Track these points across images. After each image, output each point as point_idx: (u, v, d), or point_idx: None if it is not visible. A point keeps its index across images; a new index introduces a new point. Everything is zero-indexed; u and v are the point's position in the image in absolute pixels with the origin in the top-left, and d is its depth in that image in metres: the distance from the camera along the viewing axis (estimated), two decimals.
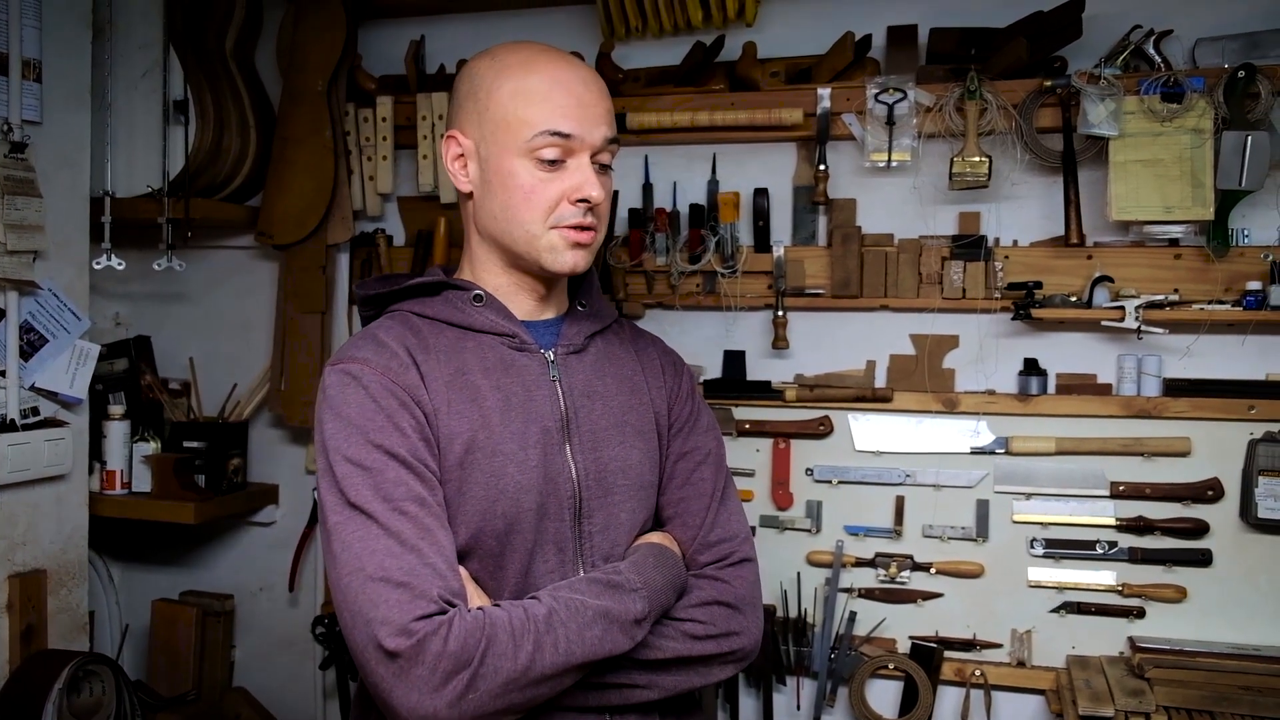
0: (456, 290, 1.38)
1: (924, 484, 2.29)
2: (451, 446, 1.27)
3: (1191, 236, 2.13)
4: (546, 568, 1.32)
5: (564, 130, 1.30)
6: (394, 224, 2.60)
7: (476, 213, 1.37)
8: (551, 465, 1.32)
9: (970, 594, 2.27)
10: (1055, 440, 2.21)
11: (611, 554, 1.37)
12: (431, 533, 1.21)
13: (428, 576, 1.17)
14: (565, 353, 1.39)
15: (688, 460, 1.46)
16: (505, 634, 1.17)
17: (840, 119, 2.27)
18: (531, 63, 1.33)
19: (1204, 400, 2.14)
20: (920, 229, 2.28)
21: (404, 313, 1.38)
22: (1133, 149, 2.10)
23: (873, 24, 2.32)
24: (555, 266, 1.34)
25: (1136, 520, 2.18)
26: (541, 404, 1.34)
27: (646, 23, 2.40)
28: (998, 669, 2.24)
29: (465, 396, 1.30)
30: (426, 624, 1.14)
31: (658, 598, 1.31)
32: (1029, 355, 2.24)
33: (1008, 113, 2.17)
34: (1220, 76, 2.05)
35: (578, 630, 1.21)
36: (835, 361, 2.35)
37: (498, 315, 1.36)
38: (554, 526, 1.32)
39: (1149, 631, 2.18)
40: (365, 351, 1.29)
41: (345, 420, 1.24)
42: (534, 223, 1.32)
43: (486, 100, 1.33)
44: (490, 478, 1.28)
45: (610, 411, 1.39)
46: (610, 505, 1.37)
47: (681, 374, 1.52)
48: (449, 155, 1.37)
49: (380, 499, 1.20)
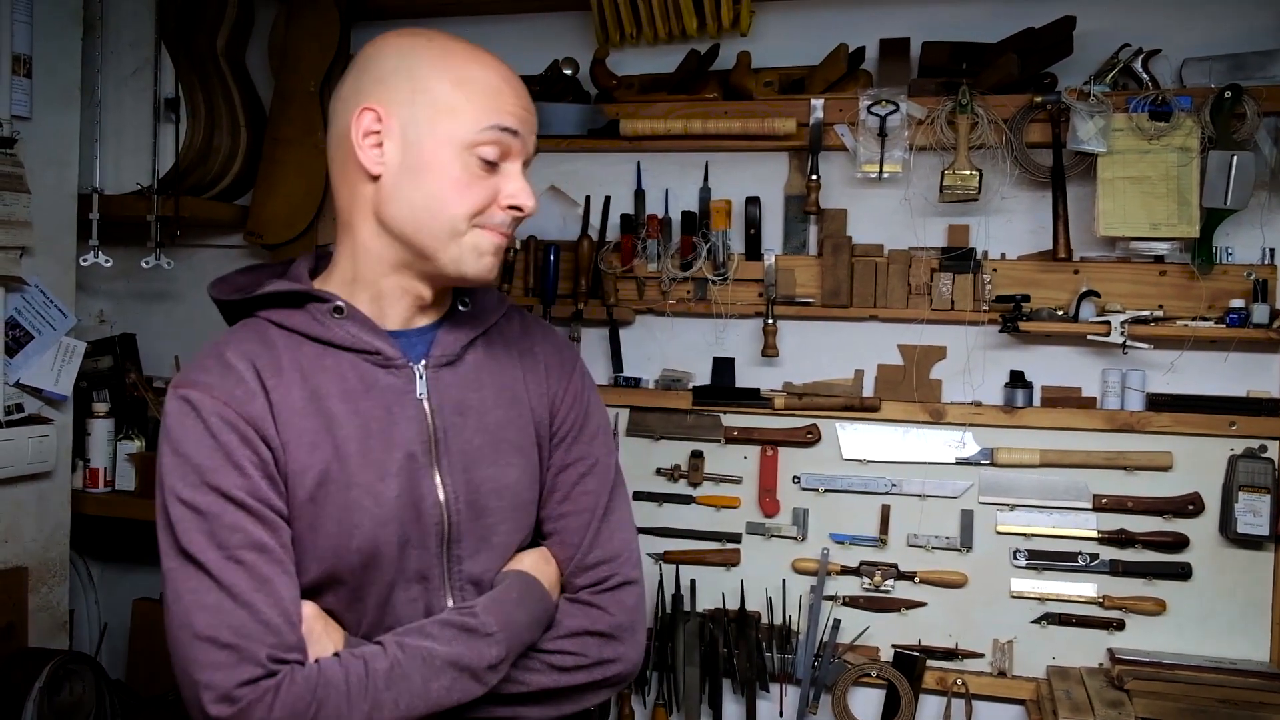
0: (318, 302, 1.24)
1: (909, 493, 2.31)
2: (302, 481, 1.18)
3: (1177, 254, 2.16)
4: (408, 596, 1.24)
5: (511, 126, 1.21)
6: None
7: (382, 200, 1.22)
8: (415, 492, 1.23)
9: (953, 603, 2.29)
10: (1040, 452, 2.23)
11: (482, 579, 1.28)
12: (268, 583, 1.13)
13: (257, 635, 1.10)
14: (437, 365, 1.27)
15: (570, 472, 1.35)
16: (339, 695, 1.11)
17: (833, 130, 2.29)
18: (478, 56, 1.23)
19: (1186, 415, 2.16)
20: (910, 240, 2.30)
21: (262, 322, 1.25)
22: (1120, 166, 2.13)
23: (866, 36, 2.34)
24: (474, 269, 1.23)
25: (1118, 533, 2.20)
26: (405, 427, 1.23)
27: (641, 30, 2.40)
28: (979, 678, 2.26)
29: (319, 425, 1.19)
30: (251, 690, 1.09)
31: (517, 637, 1.23)
32: (1015, 367, 2.26)
33: (998, 127, 2.19)
34: (1207, 96, 2.08)
35: (422, 683, 1.15)
36: (824, 370, 2.36)
37: (360, 329, 1.24)
38: (417, 555, 1.24)
39: (1128, 643, 2.21)
40: (210, 375, 1.18)
41: (182, 457, 1.14)
42: (460, 219, 1.20)
43: (426, 80, 1.20)
44: (343, 513, 1.19)
45: (485, 428, 1.28)
46: (482, 529, 1.28)
47: (570, 376, 1.39)
48: (360, 129, 1.20)
49: (214, 546, 1.12)
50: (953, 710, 2.27)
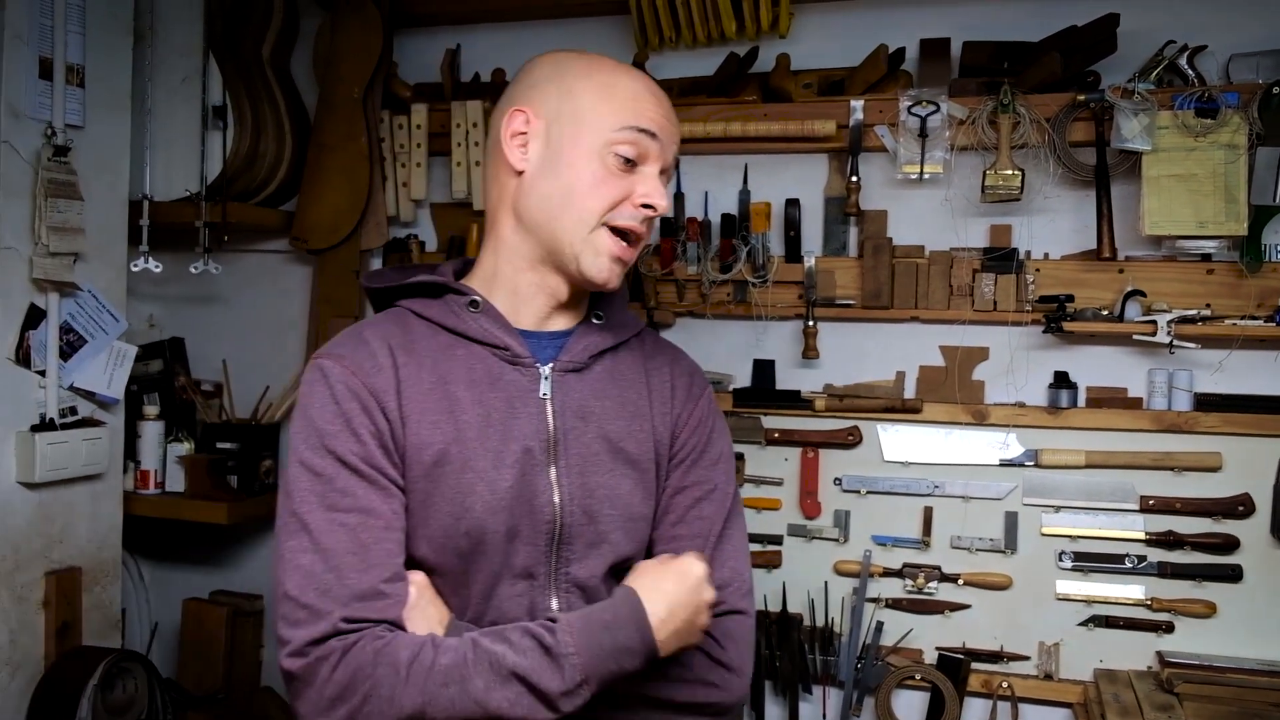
0: (456, 294, 1.32)
1: (952, 495, 2.29)
2: (420, 457, 1.22)
3: (1224, 252, 2.13)
4: (513, 592, 1.25)
5: (650, 129, 1.27)
6: (426, 230, 2.63)
7: (522, 194, 1.29)
8: (530, 487, 1.25)
9: (998, 606, 2.27)
10: (1085, 453, 2.21)
11: (588, 584, 1.28)
12: (366, 549, 1.17)
13: (337, 599, 1.14)
14: (563, 369, 1.30)
15: (686, 495, 1.35)
16: (395, 678, 1.12)
17: (873, 131, 2.28)
18: (624, 68, 1.32)
19: (1235, 416, 2.14)
20: (951, 241, 2.29)
21: (403, 310, 1.33)
22: (1166, 164, 2.10)
23: (906, 37, 2.33)
24: (590, 268, 1.27)
25: (1166, 535, 2.18)
26: (525, 422, 1.26)
27: (680, 33, 2.42)
28: (1025, 681, 2.24)
29: (442, 406, 1.24)
30: (321, 649, 1.13)
31: (601, 664, 1.15)
32: (1059, 368, 2.25)
33: (1040, 126, 2.17)
34: (1255, 92, 2.06)
35: (483, 689, 1.12)
36: (865, 372, 2.36)
37: (493, 324, 1.29)
38: (525, 551, 1.25)
39: (1177, 646, 2.18)
40: (344, 348, 1.25)
41: (308, 420, 1.21)
42: (592, 213, 1.26)
43: (574, 85, 1.28)
44: (456, 494, 1.22)
45: (604, 436, 1.30)
46: (593, 534, 1.28)
47: (697, 401, 1.40)
48: (509, 129, 1.29)
49: (323, 508, 1.17)
50: (998, 713, 2.25)
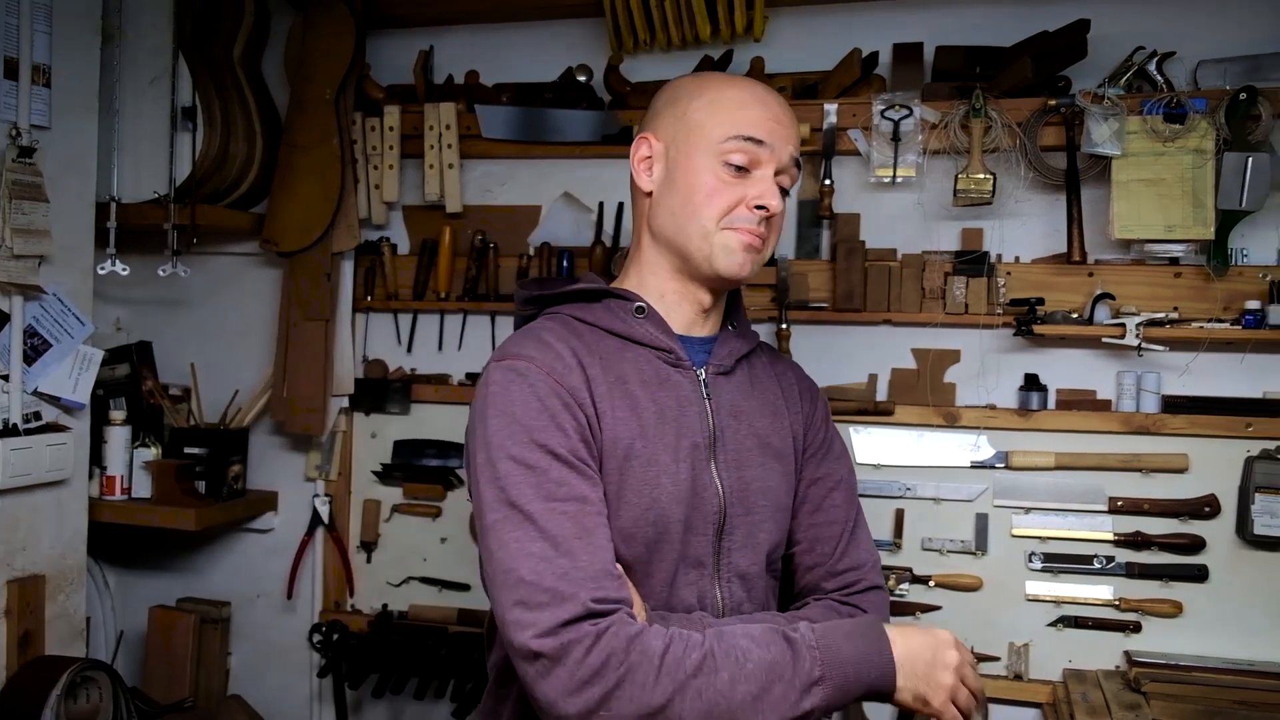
0: (619, 300, 1.40)
1: (924, 497, 2.31)
2: (613, 450, 1.29)
3: (1192, 255, 2.16)
4: (687, 580, 1.34)
5: (757, 136, 1.34)
6: (399, 232, 2.61)
7: (653, 211, 1.40)
8: (699, 480, 1.34)
9: (968, 607, 2.29)
10: (1054, 455, 2.23)
11: (747, 573, 1.38)
12: (590, 534, 1.21)
13: (579, 581, 1.17)
14: (715, 372, 1.41)
15: (820, 486, 1.48)
16: (650, 667, 1.14)
17: (846, 134, 2.29)
18: (733, 80, 1.40)
19: (1202, 417, 2.16)
20: (924, 244, 2.30)
21: (564, 316, 1.40)
22: (1135, 168, 2.13)
23: (879, 41, 2.34)
24: (726, 266, 1.35)
25: (1134, 535, 2.20)
26: (692, 420, 1.35)
27: (655, 36, 2.41)
28: (995, 682, 2.26)
29: (625, 404, 1.32)
30: (574, 630, 1.14)
31: (840, 668, 1.18)
32: (1029, 370, 2.27)
33: (1012, 131, 2.19)
34: (1222, 98, 2.09)
35: (729, 682, 1.15)
36: (837, 374, 2.36)
37: (658, 329, 1.38)
38: (697, 541, 1.34)
39: (1145, 646, 2.20)
40: (530, 350, 1.30)
41: (510, 418, 1.24)
42: (710, 220, 1.34)
43: (686, 106, 1.38)
44: (645, 485, 1.30)
45: (754, 433, 1.41)
46: (750, 524, 1.38)
47: (817, 400, 1.55)
48: (637, 155, 1.41)
49: (541, 498, 1.20)
50: None
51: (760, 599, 1.41)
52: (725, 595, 1.36)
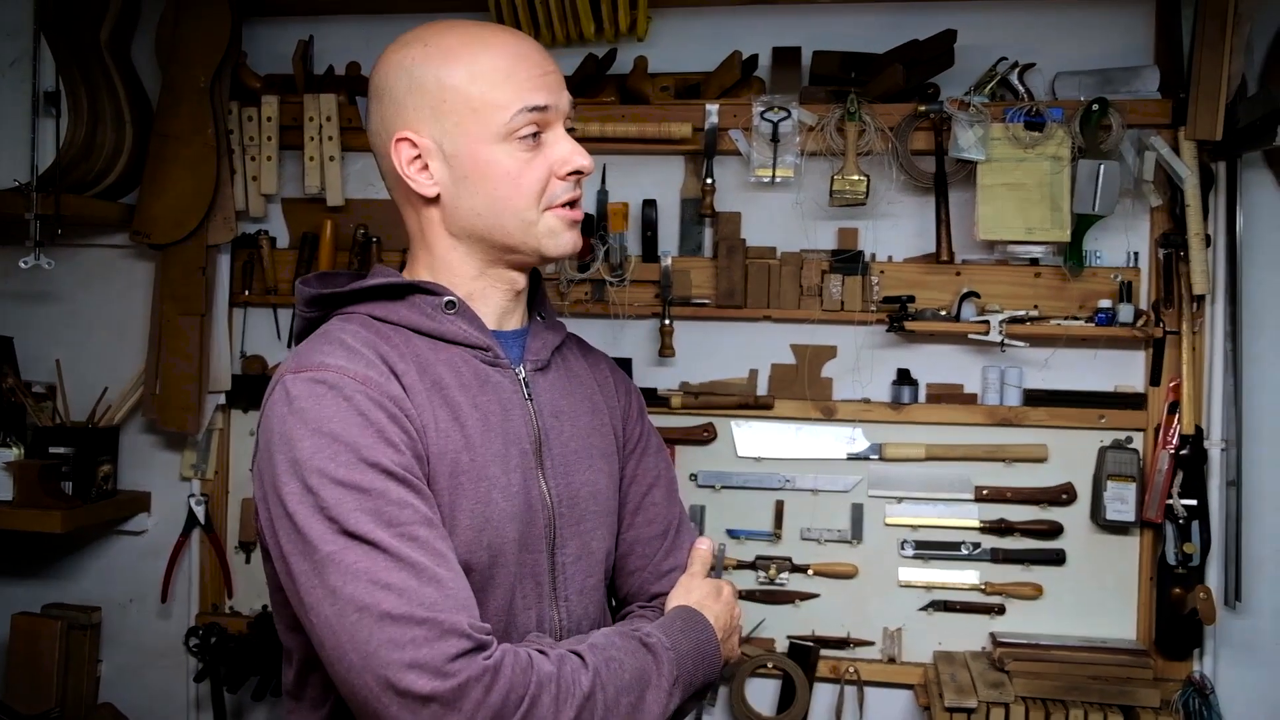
0: (425, 295, 1.23)
1: (802, 489, 2.37)
2: (440, 467, 1.15)
3: (1050, 256, 2.28)
4: (525, 604, 1.22)
5: (540, 103, 1.19)
6: (278, 226, 2.55)
7: (450, 215, 1.23)
8: (530, 492, 1.22)
9: (845, 594, 2.37)
10: (925, 447, 2.33)
11: (584, 587, 1.28)
12: (447, 559, 1.08)
13: (453, 609, 1.04)
14: (533, 369, 1.29)
15: (639, 484, 1.40)
16: (549, 696, 1.05)
17: (727, 135, 2.34)
18: (476, 40, 1.20)
19: (1060, 410, 2.28)
20: (802, 243, 2.37)
21: (361, 316, 1.23)
22: (998, 173, 2.23)
23: (759, 44, 2.39)
24: (556, 249, 1.24)
25: (998, 523, 2.31)
26: (517, 424, 1.23)
27: (539, 33, 2.42)
28: (870, 665, 2.34)
29: (446, 413, 1.17)
30: (467, 664, 1.02)
31: (683, 663, 1.20)
32: (902, 366, 2.35)
33: (885, 135, 2.27)
34: (1077, 108, 2.20)
35: (615, 695, 1.10)
36: (719, 370, 2.41)
37: (471, 326, 1.24)
38: (532, 559, 1.22)
39: (1009, 627, 2.31)
40: (336, 357, 1.14)
41: (329, 436, 1.07)
42: (528, 209, 1.21)
43: (440, 91, 1.19)
44: (478, 505, 1.16)
45: (578, 433, 1.31)
46: (583, 534, 1.28)
47: (631, 393, 1.45)
48: (403, 160, 1.21)
49: (385, 524, 1.05)
50: (845, 697, 2.35)
51: (596, 616, 1.32)
52: (563, 615, 1.26)
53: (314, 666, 1.18)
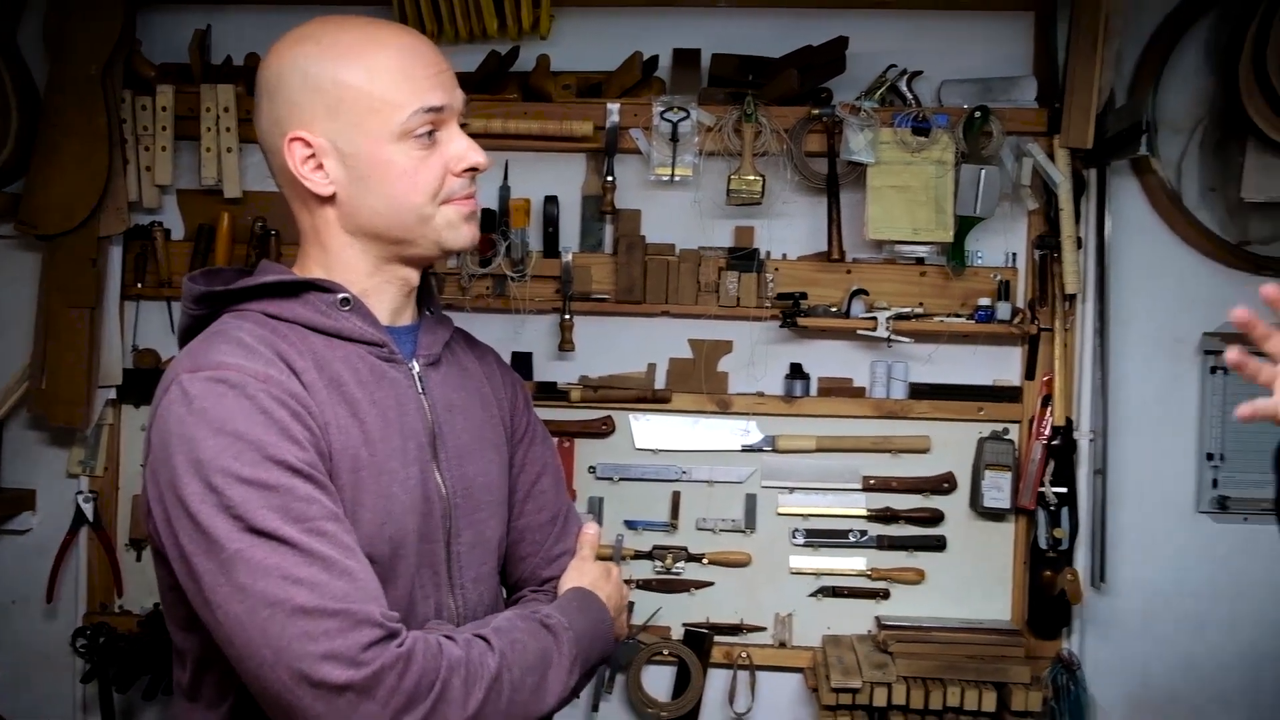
0: (320, 292, 1.23)
1: (698, 480, 2.44)
2: (341, 463, 1.16)
3: (935, 256, 2.38)
4: (424, 594, 1.24)
5: (436, 104, 1.20)
6: (173, 217, 2.51)
7: (346, 213, 1.23)
8: (427, 485, 1.24)
9: (738, 582, 2.44)
10: (816, 439, 2.41)
11: (479, 574, 1.31)
12: (354, 552, 1.09)
13: (365, 600, 1.06)
14: (426, 364, 1.30)
15: (528, 473, 1.43)
16: (459, 680, 1.09)
17: (628, 133, 2.39)
18: (373, 39, 1.20)
19: (942, 402, 2.40)
20: (700, 240, 2.43)
21: (255, 314, 1.22)
22: (887, 175, 2.33)
23: (660, 45, 2.44)
24: (455, 241, 1.25)
25: (884, 511, 2.41)
26: (413, 419, 1.25)
27: (442, 28, 2.43)
28: (762, 650, 2.42)
29: (345, 410, 1.18)
30: (380, 652, 1.04)
31: (582, 642, 1.25)
32: (794, 360, 2.44)
33: (780, 136, 2.35)
34: (961, 116, 2.31)
35: (520, 675, 1.14)
36: (618, 364, 2.46)
37: (365, 322, 1.24)
38: (430, 549, 1.24)
39: (893, 611, 2.42)
40: (234, 356, 1.13)
41: (232, 435, 1.07)
42: (423, 205, 1.21)
43: (336, 91, 1.18)
44: (379, 499, 1.18)
45: (470, 425, 1.33)
46: (477, 524, 1.31)
47: (517, 384, 1.49)
48: (297, 160, 1.20)
49: (292, 520, 1.06)
50: (738, 682, 2.43)
51: (490, 602, 1.34)
52: (459, 603, 1.28)
53: (209, 666, 1.19)
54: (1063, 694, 2.35)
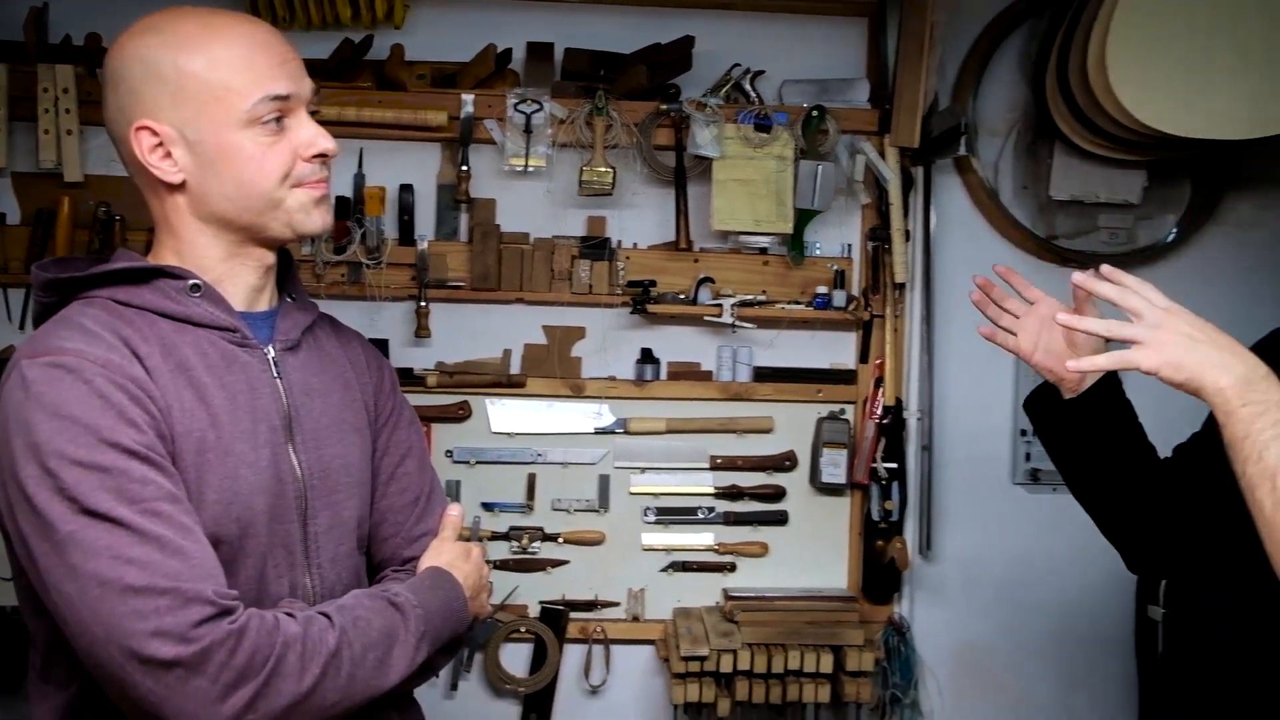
0: (170, 279, 1.25)
1: (553, 462, 2.51)
2: (185, 445, 1.18)
3: (777, 246, 2.52)
4: (277, 573, 1.26)
5: (282, 92, 1.23)
6: (8, 202, 2.43)
7: (196, 200, 1.25)
8: (279, 466, 1.26)
9: (593, 560, 2.53)
10: (666, 421, 2.52)
11: (336, 554, 1.33)
12: (191, 531, 1.12)
13: (198, 577, 1.09)
14: (283, 348, 1.32)
15: (391, 456, 1.45)
16: (294, 656, 1.12)
17: (482, 124, 2.43)
18: (215, 29, 1.23)
19: (784, 385, 2.54)
20: (553, 229, 2.50)
21: (103, 300, 1.24)
22: (731, 169, 2.44)
23: (515, 39, 2.50)
24: (307, 225, 1.28)
25: (730, 488, 2.54)
26: (266, 402, 1.27)
27: (295, 14, 2.41)
28: (616, 625, 2.52)
29: (191, 393, 1.20)
30: (210, 629, 1.07)
31: (432, 620, 1.28)
32: (645, 345, 2.53)
33: (630, 130, 2.44)
34: (800, 114, 2.45)
35: (362, 651, 1.18)
36: (474, 350, 2.51)
37: (217, 308, 1.26)
38: (283, 529, 1.27)
39: (739, 583, 2.55)
40: (75, 341, 1.15)
41: (67, 420, 1.10)
42: (273, 189, 1.25)
43: (179, 79, 1.21)
44: (225, 480, 1.20)
45: (329, 409, 1.35)
46: (335, 505, 1.33)
47: (383, 368, 1.51)
48: (144, 149, 1.23)
49: (127, 502, 1.08)
50: (594, 655, 2.52)
51: (350, 581, 1.37)
52: (315, 582, 1.31)
53: (60, 648, 1.20)
54: (894, 654, 2.53)
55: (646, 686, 2.56)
